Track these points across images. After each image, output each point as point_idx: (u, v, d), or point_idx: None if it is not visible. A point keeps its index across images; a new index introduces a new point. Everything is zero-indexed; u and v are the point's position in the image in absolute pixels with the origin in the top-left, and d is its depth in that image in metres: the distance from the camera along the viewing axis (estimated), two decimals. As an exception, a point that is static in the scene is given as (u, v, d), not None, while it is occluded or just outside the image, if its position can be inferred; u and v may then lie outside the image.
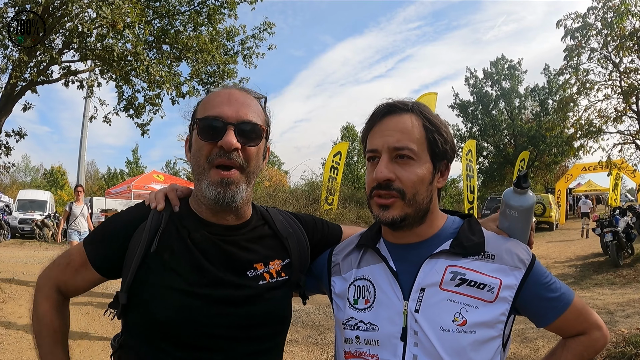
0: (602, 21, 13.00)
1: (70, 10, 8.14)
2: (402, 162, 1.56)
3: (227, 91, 1.71)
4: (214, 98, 1.69)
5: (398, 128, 1.58)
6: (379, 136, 1.59)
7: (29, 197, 30.51)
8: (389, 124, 1.60)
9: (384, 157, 1.56)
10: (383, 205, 1.58)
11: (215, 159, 1.61)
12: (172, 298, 1.58)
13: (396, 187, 1.55)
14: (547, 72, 38.43)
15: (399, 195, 1.56)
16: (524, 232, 1.70)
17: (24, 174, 60.89)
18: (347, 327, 1.66)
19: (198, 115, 1.68)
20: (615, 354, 6.12)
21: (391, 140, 1.56)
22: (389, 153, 1.57)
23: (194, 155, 1.67)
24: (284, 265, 1.80)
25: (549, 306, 1.59)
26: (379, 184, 1.56)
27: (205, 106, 1.68)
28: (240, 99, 1.68)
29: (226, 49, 12.21)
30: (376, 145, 1.59)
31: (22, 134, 11.18)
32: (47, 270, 1.78)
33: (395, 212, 1.57)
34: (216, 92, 1.73)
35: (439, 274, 1.56)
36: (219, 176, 1.61)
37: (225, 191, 1.61)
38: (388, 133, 1.58)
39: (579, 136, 14.36)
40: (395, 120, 1.60)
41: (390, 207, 1.57)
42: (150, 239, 1.63)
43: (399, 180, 1.55)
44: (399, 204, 1.56)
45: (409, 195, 1.56)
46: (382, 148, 1.57)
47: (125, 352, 1.73)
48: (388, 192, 1.56)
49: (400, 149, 1.55)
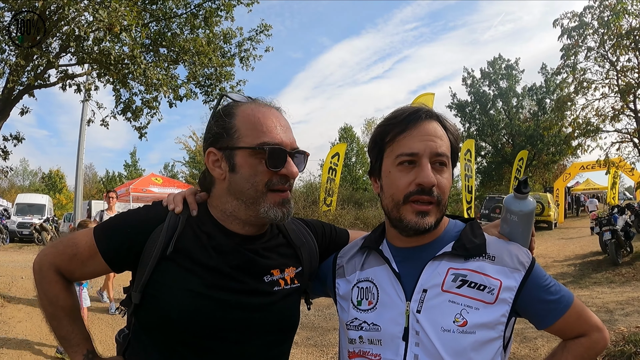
0: (599, 20, 13.04)
1: (67, 14, 8.13)
2: (439, 168, 1.59)
3: (271, 113, 1.72)
4: (266, 120, 1.68)
5: (437, 134, 1.60)
6: (419, 140, 1.58)
7: (28, 201, 30.54)
8: (428, 130, 1.60)
9: (426, 162, 1.56)
10: (422, 212, 1.57)
11: (276, 185, 1.66)
12: (187, 300, 1.59)
13: (436, 194, 1.56)
14: (545, 71, 38.54)
15: (436, 202, 1.57)
16: (524, 236, 1.72)
17: (23, 178, 60.88)
18: (350, 328, 1.69)
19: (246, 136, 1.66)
20: (614, 352, 6.11)
21: (434, 145, 1.57)
22: (429, 158, 1.57)
23: (246, 178, 1.66)
24: (297, 273, 1.83)
25: (548, 308, 1.60)
26: (422, 190, 1.55)
27: (257, 128, 1.66)
28: (287, 124, 1.74)
29: (223, 52, 12.19)
30: (417, 149, 1.57)
31: (20, 138, 11.15)
32: (49, 256, 1.77)
33: (431, 218, 1.58)
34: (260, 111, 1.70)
35: (441, 275, 1.58)
36: (280, 197, 1.67)
37: (285, 210, 1.69)
38: (429, 138, 1.58)
39: (576, 135, 14.40)
40: (432, 126, 1.61)
41: (429, 214, 1.57)
42: (167, 241, 1.64)
43: (438, 187, 1.57)
44: (434, 210, 1.58)
45: (443, 202, 1.60)
46: (424, 152, 1.56)
47: (135, 351, 1.75)
48: (429, 198, 1.56)
49: (441, 155, 1.57)
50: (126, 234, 1.67)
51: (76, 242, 1.73)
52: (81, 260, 1.71)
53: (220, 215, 1.73)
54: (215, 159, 1.70)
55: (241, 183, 1.66)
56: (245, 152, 1.64)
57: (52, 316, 1.79)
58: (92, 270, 1.74)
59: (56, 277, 1.76)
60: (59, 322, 1.79)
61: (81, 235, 1.74)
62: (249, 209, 1.68)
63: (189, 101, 12.01)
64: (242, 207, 1.68)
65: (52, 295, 1.76)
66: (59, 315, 1.79)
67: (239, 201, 1.68)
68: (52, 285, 1.76)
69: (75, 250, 1.72)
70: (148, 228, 1.66)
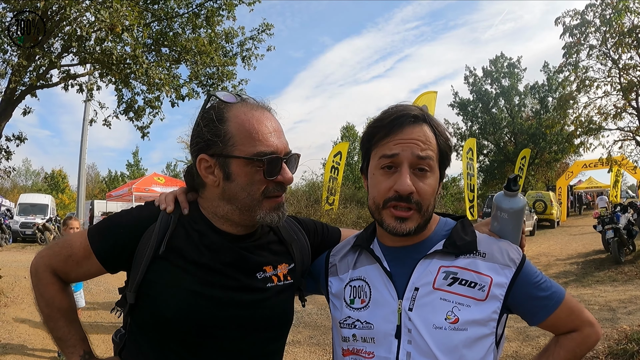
0: (601, 18, 12.99)
1: (68, 14, 8.13)
2: (421, 174, 1.58)
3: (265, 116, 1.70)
4: (259, 127, 1.65)
5: (421, 139, 1.59)
6: (403, 143, 1.58)
7: (30, 201, 30.58)
8: (410, 134, 1.59)
9: (406, 168, 1.56)
10: (401, 218, 1.58)
11: (272, 192, 1.67)
12: (181, 298, 1.60)
13: (415, 200, 1.56)
14: (547, 69, 38.39)
15: (416, 207, 1.57)
16: (515, 234, 1.74)
17: (25, 178, 61.02)
18: (344, 326, 1.70)
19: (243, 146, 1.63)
20: (617, 351, 6.12)
21: (417, 149, 1.56)
22: (411, 163, 1.56)
23: (242, 187, 1.65)
24: (289, 269, 1.84)
25: (540, 305, 1.61)
26: (399, 196, 1.56)
27: (252, 135, 1.64)
28: (279, 127, 1.73)
29: (225, 51, 12.18)
30: (399, 152, 1.57)
31: (23, 138, 11.17)
32: (44, 258, 1.79)
33: (411, 224, 1.58)
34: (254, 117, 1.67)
35: (432, 274, 1.59)
36: (275, 203, 1.69)
37: (280, 213, 1.71)
38: (414, 142, 1.57)
39: (579, 133, 14.34)
40: (417, 129, 1.60)
41: (408, 219, 1.58)
42: (159, 240, 1.65)
43: (417, 194, 1.56)
44: (415, 216, 1.59)
45: (425, 208, 1.59)
46: (405, 156, 1.56)
47: (130, 350, 1.76)
48: (407, 205, 1.56)
49: (423, 159, 1.56)
50: (119, 234, 1.68)
51: (71, 243, 1.75)
52: (76, 261, 1.72)
53: (212, 216, 1.74)
54: (208, 166, 1.69)
55: (237, 191, 1.66)
56: (241, 162, 1.63)
57: (48, 317, 1.81)
58: (87, 270, 1.75)
59: (52, 278, 1.78)
60: (56, 323, 1.81)
61: (76, 237, 1.76)
62: (244, 214, 1.68)
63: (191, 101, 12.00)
64: (236, 212, 1.69)
65: (49, 296, 1.78)
66: (56, 317, 1.80)
67: (233, 206, 1.68)
68: (48, 287, 1.78)
69: (70, 252, 1.73)
70: (140, 228, 1.68)
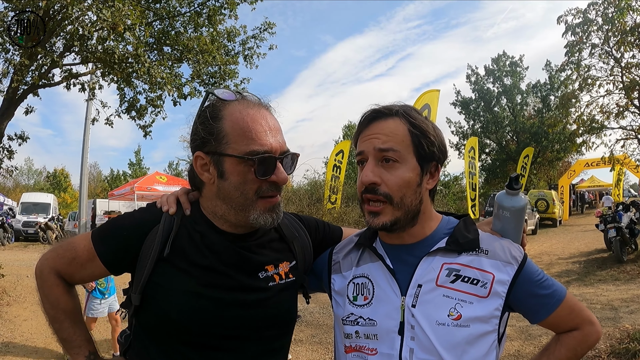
0: (603, 16, 12.98)
1: (70, 14, 8.13)
2: (388, 165, 1.60)
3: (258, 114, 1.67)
4: (253, 125, 1.63)
5: (383, 131, 1.61)
6: (366, 139, 1.64)
7: (33, 200, 30.65)
8: (375, 128, 1.63)
9: (370, 161, 1.61)
10: (373, 212, 1.62)
11: (266, 192, 1.65)
12: (185, 300, 1.61)
13: (382, 191, 1.59)
14: (549, 68, 38.31)
15: (386, 200, 1.59)
16: (516, 232, 1.75)
17: (27, 177, 61.06)
18: (347, 323, 1.71)
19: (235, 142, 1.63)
20: (619, 350, 6.11)
21: (377, 142, 1.60)
22: (375, 156, 1.60)
23: (235, 186, 1.65)
24: (291, 267, 1.84)
25: (541, 303, 1.63)
26: (365, 188, 1.60)
27: (245, 134, 1.62)
28: (276, 125, 1.71)
29: (227, 50, 12.18)
30: (363, 147, 1.63)
31: (25, 138, 11.17)
32: (49, 260, 1.79)
33: (385, 217, 1.61)
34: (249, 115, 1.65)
35: (435, 271, 1.60)
36: (269, 204, 1.67)
37: (275, 215, 1.69)
38: (374, 136, 1.62)
39: (581, 132, 14.35)
40: (381, 124, 1.63)
41: (380, 213, 1.61)
42: (163, 243, 1.65)
43: (385, 185, 1.59)
44: (388, 209, 1.60)
45: (397, 199, 1.59)
46: (368, 151, 1.61)
47: (136, 351, 1.76)
48: (375, 197, 1.60)
49: (385, 150, 1.59)
50: (123, 237, 1.68)
51: (75, 245, 1.75)
52: (80, 263, 1.73)
53: (212, 216, 1.74)
54: (204, 163, 1.69)
55: (230, 190, 1.66)
56: (233, 160, 1.62)
57: (53, 319, 1.81)
58: (91, 273, 1.76)
59: (57, 280, 1.78)
60: (61, 324, 1.81)
61: (80, 239, 1.77)
62: (239, 215, 1.68)
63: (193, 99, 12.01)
64: (231, 212, 1.69)
65: (53, 298, 1.79)
66: (61, 318, 1.81)
67: (228, 206, 1.68)
68: (52, 289, 1.78)
69: (74, 254, 1.74)
70: (144, 230, 1.68)
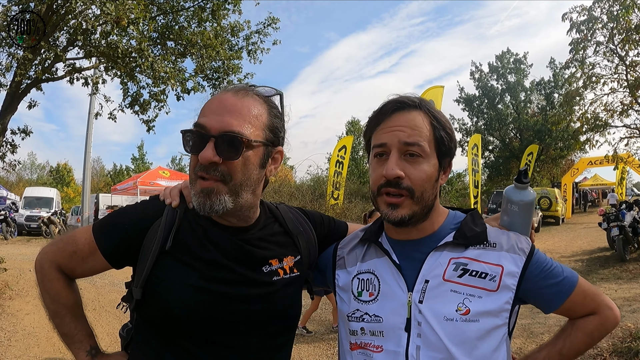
0: (608, 14, 12.93)
1: (74, 8, 8.14)
2: (412, 159, 1.56)
3: (221, 95, 1.63)
4: (207, 104, 1.63)
5: (409, 124, 1.57)
6: (389, 131, 1.58)
7: (36, 195, 30.68)
8: (399, 120, 1.58)
9: (394, 154, 1.55)
10: (392, 204, 1.57)
11: (198, 172, 1.58)
12: (188, 294, 1.59)
13: (405, 185, 1.55)
14: (553, 65, 38.26)
15: (408, 193, 1.55)
16: (525, 227, 1.72)
17: (30, 172, 61.19)
18: (352, 319, 1.68)
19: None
20: (621, 348, 6.09)
21: (402, 135, 1.55)
22: (399, 149, 1.55)
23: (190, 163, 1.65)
24: (296, 261, 1.81)
25: (554, 291, 1.59)
26: (388, 182, 1.55)
27: (200, 113, 1.63)
28: (230, 105, 1.59)
29: (231, 45, 12.20)
30: (386, 140, 1.57)
31: (28, 132, 11.20)
32: (49, 254, 1.77)
33: (404, 211, 1.57)
34: (214, 96, 1.66)
35: (442, 266, 1.58)
36: (201, 186, 1.58)
37: (205, 201, 1.57)
38: (399, 128, 1.56)
39: (585, 130, 14.33)
40: (405, 116, 1.59)
41: (400, 206, 1.56)
42: (165, 236, 1.63)
43: (409, 179, 1.55)
44: (407, 202, 1.57)
45: (418, 194, 1.56)
46: (392, 143, 1.56)
47: (138, 346, 1.74)
48: (398, 190, 1.55)
49: (411, 145, 1.55)
50: (124, 230, 1.66)
51: (75, 239, 1.73)
52: (81, 257, 1.71)
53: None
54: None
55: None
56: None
57: (54, 313, 1.80)
58: (93, 266, 1.73)
59: (57, 274, 1.76)
60: (62, 319, 1.80)
61: (80, 233, 1.74)
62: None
63: (196, 94, 12.02)
64: None
65: (54, 292, 1.77)
66: (62, 313, 1.79)
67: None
68: (53, 283, 1.76)
69: (75, 248, 1.71)
70: (146, 223, 1.66)
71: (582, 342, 1.65)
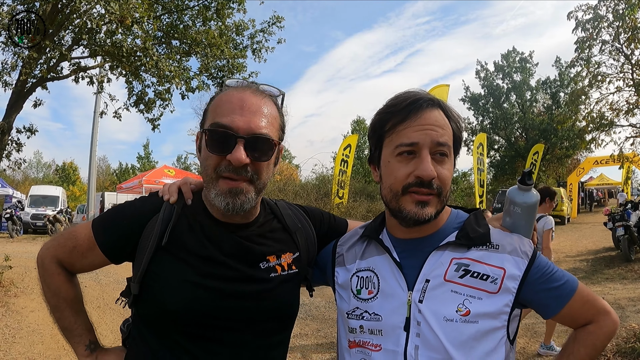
0: (614, 13, 12.85)
1: (78, 7, 8.16)
2: (440, 159, 1.55)
3: (240, 95, 1.63)
4: (226, 102, 1.62)
5: (439, 123, 1.56)
6: (420, 130, 1.53)
7: (41, 193, 30.80)
8: (429, 118, 1.55)
9: (426, 154, 1.52)
10: (422, 202, 1.54)
11: (224, 172, 1.59)
12: (183, 290, 1.60)
13: (436, 185, 1.53)
14: (559, 64, 38.08)
15: (437, 193, 1.55)
16: (527, 228, 1.71)
17: (36, 170, 61.40)
18: (351, 317, 1.68)
19: (208, 119, 1.64)
20: (625, 349, 6.07)
21: (435, 135, 1.53)
22: (430, 149, 1.53)
23: (202, 162, 1.66)
24: (294, 258, 1.82)
25: (553, 295, 1.58)
26: (421, 182, 1.52)
27: (216, 110, 1.62)
28: (254, 106, 1.61)
29: (235, 44, 12.19)
30: (417, 139, 1.53)
31: (33, 131, 11.21)
32: (50, 249, 1.80)
33: (431, 209, 1.55)
34: (229, 94, 1.64)
35: (444, 265, 1.57)
36: (228, 186, 1.59)
37: (234, 201, 1.60)
38: (431, 128, 1.54)
39: (590, 129, 14.23)
40: (434, 114, 1.57)
41: (429, 204, 1.55)
42: (162, 232, 1.64)
43: (438, 179, 1.54)
44: (435, 201, 1.56)
45: (444, 194, 1.57)
46: (424, 143, 1.52)
47: (136, 341, 1.76)
48: (429, 191, 1.53)
49: (442, 145, 1.54)
50: (122, 226, 1.68)
51: (76, 234, 1.75)
52: (81, 252, 1.73)
53: (210, 206, 1.72)
54: (196, 140, 1.73)
55: (201, 165, 1.67)
56: (200, 133, 1.66)
57: (55, 308, 1.82)
58: (92, 262, 1.75)
59: (58, 269, 1.78)
60: (62, 313, 1.82)
61: (80, 228, 1.76)
62: (207, 193, 1.67)
63: (201, 93, 12.04)
64: (207, 195, 1.68)
65: (55, 287, 1.79)
66: (62, 307, 1.81)
67: (205, 188, 1.69)
68: (54, 278, 1.78)
69: (75, 243, 1.74)
70: (144, 219, 1.67)
71: (587, 356, 1.63)
